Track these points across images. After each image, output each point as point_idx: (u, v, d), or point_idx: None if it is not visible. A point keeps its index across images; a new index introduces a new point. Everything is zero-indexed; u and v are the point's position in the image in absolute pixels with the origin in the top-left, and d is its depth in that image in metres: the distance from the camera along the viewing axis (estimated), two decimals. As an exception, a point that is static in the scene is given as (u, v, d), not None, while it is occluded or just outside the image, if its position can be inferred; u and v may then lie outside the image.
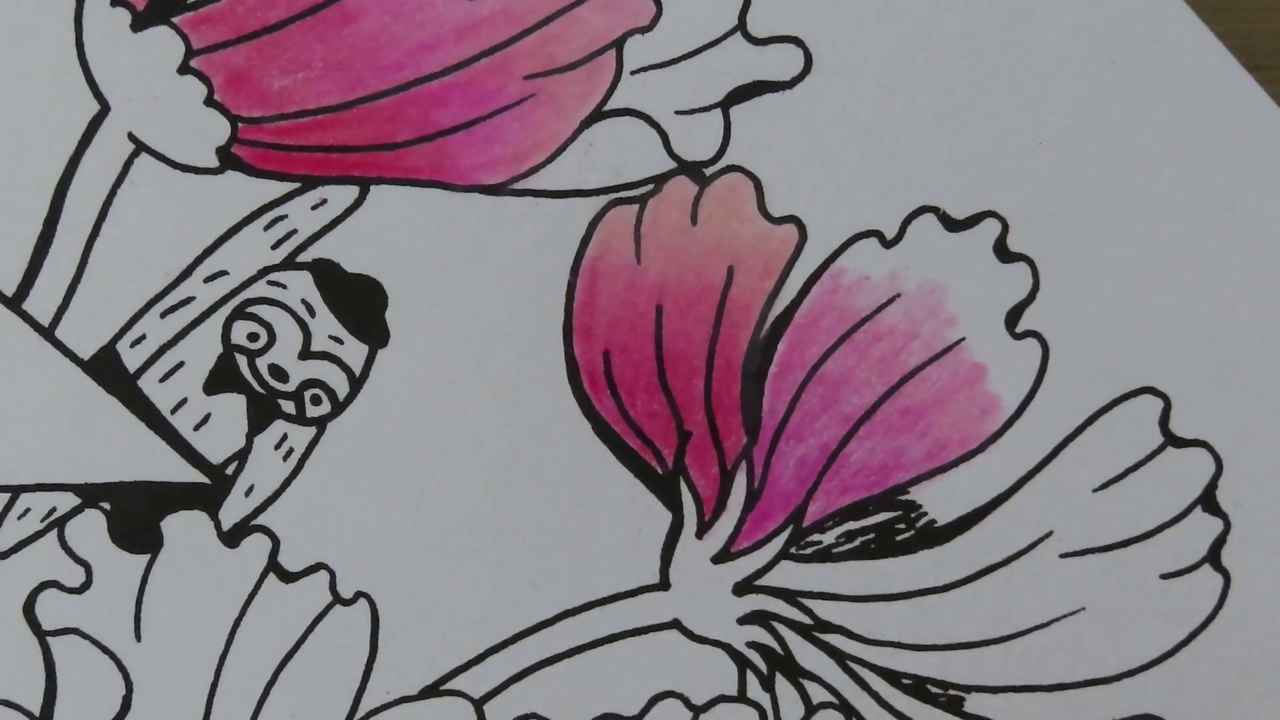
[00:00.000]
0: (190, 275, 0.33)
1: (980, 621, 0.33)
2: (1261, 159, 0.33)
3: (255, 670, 0.33)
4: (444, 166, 0.33)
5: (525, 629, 0.33)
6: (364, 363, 0.33)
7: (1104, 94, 0.33)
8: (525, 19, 0.33)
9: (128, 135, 0.33)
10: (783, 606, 0.33)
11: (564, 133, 0.33)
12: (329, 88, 0.33)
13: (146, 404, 0.33)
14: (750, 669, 0.33)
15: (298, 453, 0.33)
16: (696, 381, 0.33)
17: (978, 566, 0.33)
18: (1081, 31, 0.33)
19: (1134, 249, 0.33)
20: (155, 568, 0.33)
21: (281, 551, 0.33)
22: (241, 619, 0.33)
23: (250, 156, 0.33)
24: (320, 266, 0.33)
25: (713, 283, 0.33)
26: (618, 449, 0.33)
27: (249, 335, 0.33)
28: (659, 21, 0.33)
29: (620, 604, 0.33)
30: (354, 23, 0.33)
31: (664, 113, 0.33)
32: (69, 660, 0.32)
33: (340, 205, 0.33)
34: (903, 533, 0.33)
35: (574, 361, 0.33)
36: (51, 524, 0.32)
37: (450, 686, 0.33)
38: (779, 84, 0.33)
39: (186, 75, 0.32)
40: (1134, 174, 0.33)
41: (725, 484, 0.33)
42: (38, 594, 0.32)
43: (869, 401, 0.33)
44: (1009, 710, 0.33)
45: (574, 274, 0.33)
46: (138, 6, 0.32)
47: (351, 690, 0.33)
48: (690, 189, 0.33)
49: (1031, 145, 0.33)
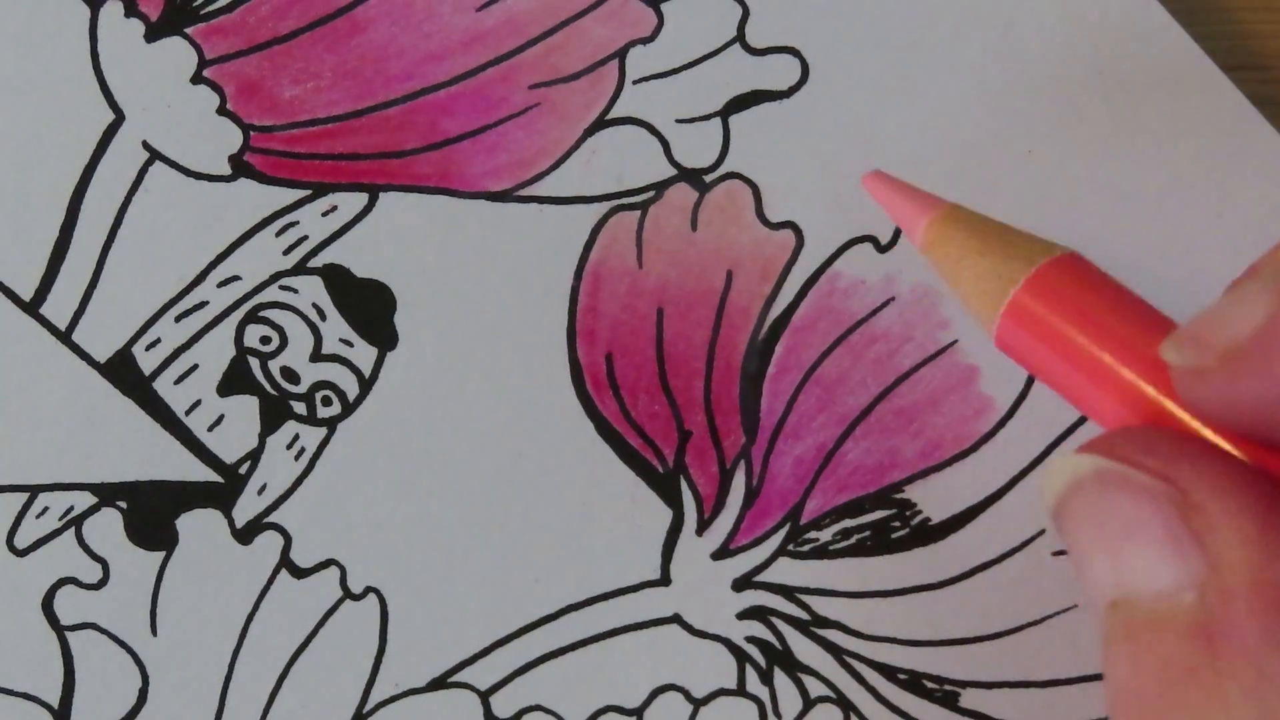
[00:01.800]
0: (204, 280, 0.33)
1: (974, 618, 0.33)
2: (1244, 162, 0.33)
3: (268, 663, 0.32)
4: (451, 174, 0.33)
5: (530, 623, 0.33)
6: (373, 365, 0.33)
7: (1091, 102, 0.33)
8: (530, 30, 0.33)
9: (142, 144, 0.33)
10: (781, 602, 0.33)
11: (568, 141, 0.33)
12: (338, 97, 0.33)
13: (162, 405, 0.33)
14: (749, 663, 0.33)
15: (309, 452, 0.33)
16: (696, 383, 0.33)
17: (972, 564, 0.33)
18: (1069, 41, 0.33)
19: (1122, 253, 0.33)
20: (170, 564, 0.32)
21: (293, 548, 0.33)
22: (254, 613, 0.32)
23: (262, 164, 0.33)
24: (330, 271, 0.33)
25: (712, 286, 0.33)
26: (620, 448, 0.33)
27: (261, 338, 0.33)
28: (660, 33, 0.33)
29: (622, 599, 0.33)
30: (363, 34, 0.33)
31: (665, 121, 0.33)
32: (87, 654, 0.32)
33: (350, 212, 0.33)
34: (898, 530, 0.33)
35: (577, 363, 0.33)
36: (69, 522, 0.32)
37: (457, 679, 0.33)
38: (776, 93, 0.33)
39: (199, 85, 0.33)
40: (1121, 179, 0.33)
41: (724, 482, 0.33)
42: (56, 590, 0.32)
43: (864, 402, 0.33)
44: (1004, 705, 0.33)
45: (577, 278, 0.33)
46: (152, 18, 0.33)
47: (361, 682, 0.33)
48: (690, 195, 0.33)
49: (1021, 153, 0.33)
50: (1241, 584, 0.21)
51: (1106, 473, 0.23)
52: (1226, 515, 0.21)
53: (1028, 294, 0.25)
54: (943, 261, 0.27)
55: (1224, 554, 0.21)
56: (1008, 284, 0.25)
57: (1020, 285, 0.25)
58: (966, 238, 0.26)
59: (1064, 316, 0.24)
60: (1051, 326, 0.25)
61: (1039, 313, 0.25)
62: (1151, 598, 0.22)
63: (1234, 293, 0.22)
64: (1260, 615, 0.20)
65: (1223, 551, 0.21)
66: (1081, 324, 0.24)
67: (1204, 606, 0.21)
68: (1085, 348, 0.24)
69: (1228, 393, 0.22)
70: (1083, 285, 0.25)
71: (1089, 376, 0.24)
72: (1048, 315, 0.25)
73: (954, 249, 0.26)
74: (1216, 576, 0.21)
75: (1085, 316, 0.24)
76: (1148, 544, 0.22)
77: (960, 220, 0.27)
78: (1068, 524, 0.23)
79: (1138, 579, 0.22)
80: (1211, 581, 0.21)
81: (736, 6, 0.33)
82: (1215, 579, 0.21)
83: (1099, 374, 0.24)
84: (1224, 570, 0.21)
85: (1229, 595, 0.21)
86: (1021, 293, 0.25)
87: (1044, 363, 0.25)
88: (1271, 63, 0.34)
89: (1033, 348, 0.25)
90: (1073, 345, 0.24)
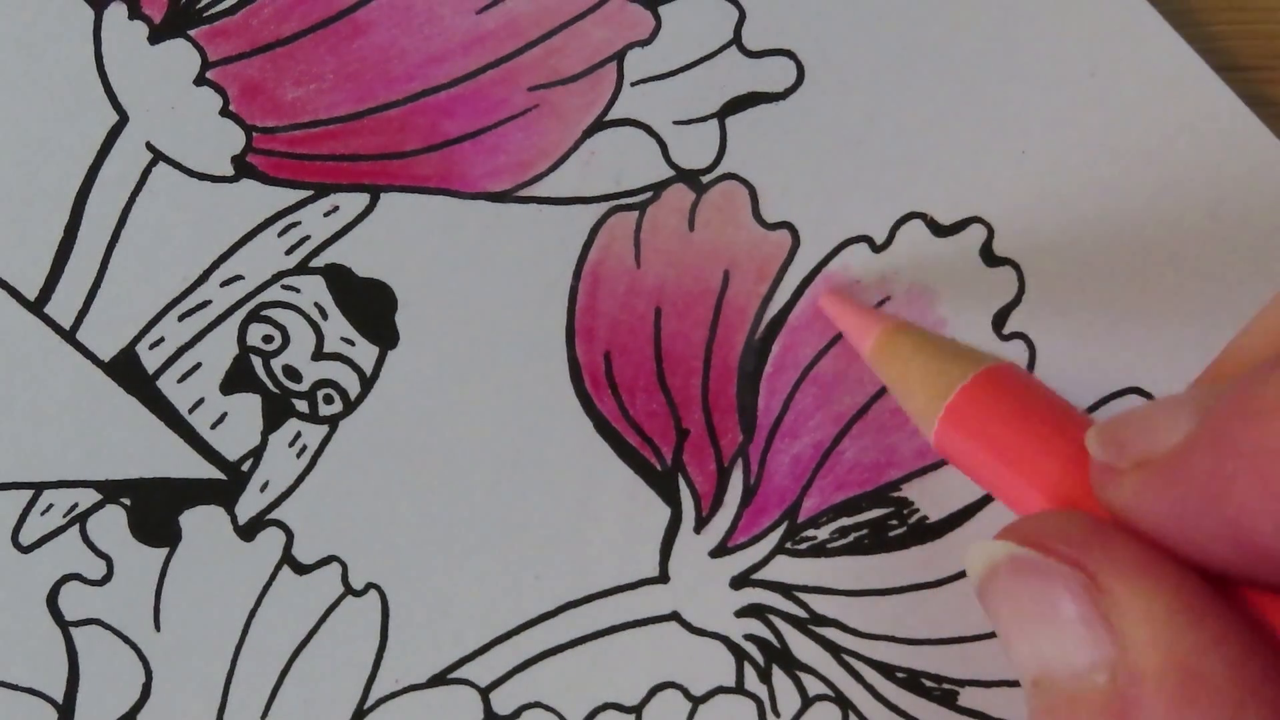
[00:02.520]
0: (207, 280, 0.33)
1: (973, 617, 0.33)
2: (1237, 163, 0.33)
3: (270, 658, 0.33)
4: (451, 175, 0.33)
5: (529, 620, 0.33)
6: (374, 363, 0.33)
7: (1084, 103, 0.33)
8: (529, 32, 0.33)
9: (146, 145, 0.33)
10: (779, 600, 0.33)
11: (567, 142, 0.33)
12: (340, 99, 0.33)
13: (165, 403, 0.33)
14: (748, 661, 0.33)
15: (311, 450, 0.33)
16: (694, 381, 0.33)
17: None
18: (1061, 43, 0.33)
19: (1117, 252, 0.33)
20: (174, 561, 0.33)
21: (295, 545, 0.33)
22: (257, 609, 0.33)
23: (264, 165, 0.33)
24: (332, 271, 0.33)
25: (710, 286, 0.33)
26: (618, 446, 0.33)
27: (264, 337, 0.33)
28: (658, 35, 0.33)
29: (620, 596, 0.33)
30: (364, 36, 0.33)
31: (663, 123, 0.33)
32: (91, 650, 0.32)
33: (351, 212, 0.33)
34: (895, 529, 0.33)
35: (576, 362, 0.33)
36: (74, 519, 0.32)
37: (457, 675, 0.33)
38: (773, 95, 0.33)
39: (203, 86, 0.33)
40: (1114, 180, 0.33)
41: (722, 480, 0.33)
42: (60, 586, 0.32)
43: (861, 401, 0.33)
44: (1003, 704, 0.33)
45: (576, 278, 0.33)
46: (155, 20, 0.32)
47: (363, 678, 0.33)
48: (688, 196, 0.33)
49: (1015, 153, 0.33)
50: (1150, 665, 0.21)
51: (1020, 559, 0.23)
52: (1135, 597, 0.22)
53: (964, 398, 0.27)
54: (889, 370, 0.29)
55: (1132, 635, 0.22)
56: (947, 389, 0.27)
57: (957, 391, 0.27)
58: (912, 350, 0.29)
59: (995, 416, 0.26)
60: (984, 425, 0.26)
61: (973, 414, 0.27)
62: (1067, 678, 0.22)
63: (1164, 405, 0.23)
64: (1168, 694, 0.21)
65: (1130, 632, 0.22)
66: (1010, 421, 0.26)
67: (1115, 687, 0.22)
68: (1013, 442, 0.26)
69: (1136, 495, 0.23)
70: (1015, 389, 0.27)
71: (1017, 470, 0.26)
72: (980, 415, 0.27)
73: (899, 361, 0.29)
74: (1126, 657, 0.22)
75: (1014, 414, 0.26)
76: (1061, 627, 0.23)
77: (906, 333, 0.29)
78: (989, 605, 0.24)
79: (1053, 660, 0.23)
80: (1122, 662, 0.22)
81: (733, 9, 0.33)
82: (1125, 660, 0.22)
83: (1025, 467, 0.26)
84: (1132, 651, 0.21)
85: (1137, 676, 0.21)
86: (958, 397, 0.27)
87: (978, 461, 0.27)
88: (1264, 63, 0.34)
89: (969, 448, 0.27)
90: (1001, 441, 0.26)
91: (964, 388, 0.27)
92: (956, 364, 0.28)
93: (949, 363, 0.28)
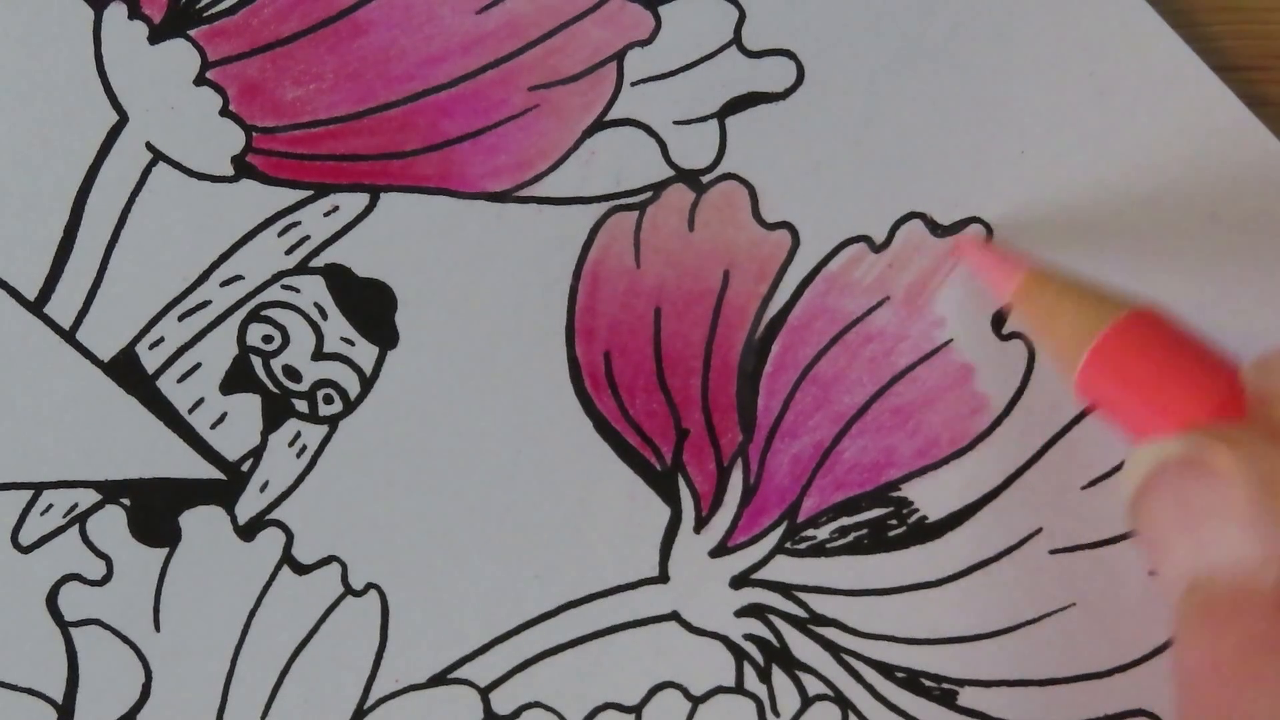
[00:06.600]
0: (207, 280, 0.33)
1: (972, 616, 0.33)
2: (1237, 163, 0.33)
3: (270, 658, 0.33)
4: (451, 175, 0.33)
5: (529, 620, 0.33)
6: (374, 363, 0.33)
7: (1083, 103, 0.33)
8: (529, 32, 0.33)
9: (146, 144, 0.33)
10: (778, 600, 0.33)
11: (566, 142, 0.33)
12: (340, 99, 0.33)
13: (165, 404, 0.33)
14: (747, 660, 0.33)
15: (310, 450, 0.33)
16: (694, 381, 0.33)
17: (969, 562, 0.33)
18: (1061, 43, 0.33)
19: (1114, 252, 0.33)
20: (174, 561, 0.33)
21: (295, 545, 0.33)
22: (257, 609, 0.33)
23: (264, 165, 0.33)
24: (332, 271, 0.33)
25: (709, 286, 0.33)
26: (618, 446, 0.33)
27: (264, 337, 0.33)
28: (658, 35, 0.33)
29: (620, 596, 0.33)
30: (364, 36, 0.33)
31: (663, 123, 0.33)
32: (90, 650, 0.32)
33: (351, 212, 0.33)
34: (895, 529, 0.33)
35: (576, 362, 0.33)
36: (73, 519, 0.32)
37: (457, 675, 0.33)
38: (772, 95, 0.33)
39: (202, 86, 0.33)
40: (1113, 179, 0.33)
41: (722, 480, 0.33)
42: (60, 586, 0.32)
43: (861, 400, 0.33)
44: (1003, 704, 0.33)
45: (576, 278, 0.33)
46: (155, 20, 0.33)
47: (362, 678, 0.33)
48: (687, 196, 0.33)
49: (1014, 153, 0.33)
50: None
51: (1193, 457, 0.24)
52: None
53: (1111, 339, 0.28)
54: (1031, 315, 0.30)
55: None
56: (1091, 333, 0.28)
57: (1103, 332, 0.28)
58: (1056, 294, 0.29)
59: (1143, 357, 0.28)
60: (1131, 366, 0.28)
61: (1121, 356, 0.28)
62: (1232, 575, 0.22)
63: None
64: None
65: None
66: (1158, 362, 0.27)
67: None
68: (1161, 384, 0.27)
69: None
70: (1161, 332, 0.28)
71: (1165, 411, 0.27)
72: (1128, 357, 0.28)
73: (1043, 305, 0.30)
74: None
75: (1162, 356, 0.27)
76: (1231, 523, 0.22)
77: (1050, 277, 0.30)
78: (1149, 507, 0.24)
79: (1219, 557, 0.23)
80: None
81: (733, 9, 0.33)
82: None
83: (1176, 407, 0.26)
84: None
85: None
86: (1105, 339, 0.28)
87: (1125, 401, 0.28)
88: (1262, 64, 0.34)
89: (1116, 389, 0.28)
90: (1150, 382, 0.27)
91: (1110, 329, 0.28)
92: (1101, 308, 0.29)
93: (1093, 307, 0.29)
